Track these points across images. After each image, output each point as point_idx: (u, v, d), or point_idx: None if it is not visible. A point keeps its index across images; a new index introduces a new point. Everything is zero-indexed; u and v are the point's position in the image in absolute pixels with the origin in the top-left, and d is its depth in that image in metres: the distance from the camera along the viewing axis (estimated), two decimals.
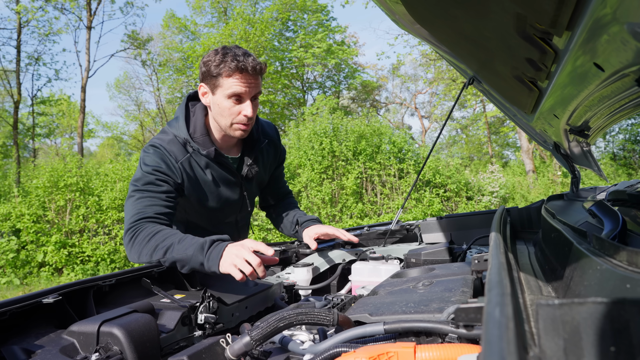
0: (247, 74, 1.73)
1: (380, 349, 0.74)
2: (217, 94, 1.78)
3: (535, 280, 0.88)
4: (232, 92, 1.74)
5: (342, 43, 23.00)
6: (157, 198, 1.72)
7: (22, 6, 14.97)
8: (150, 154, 1.79)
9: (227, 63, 1.71)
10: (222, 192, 1.96)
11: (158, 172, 1.75)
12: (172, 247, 1.54)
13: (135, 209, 1.68)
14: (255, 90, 1.79)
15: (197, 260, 1.50)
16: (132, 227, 1.64)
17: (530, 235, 1.80)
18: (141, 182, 1.73)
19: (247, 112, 1.78)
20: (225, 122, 1.82)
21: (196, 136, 1.87)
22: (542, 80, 1.03)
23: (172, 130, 1.86)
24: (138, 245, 1.59)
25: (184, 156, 1.82)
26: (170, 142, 1.82)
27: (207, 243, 1.52)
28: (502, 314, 0.37)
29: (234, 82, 1.73)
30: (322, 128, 12.00)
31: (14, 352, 0.99)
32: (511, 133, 24.20)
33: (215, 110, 1.82)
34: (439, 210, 10.88)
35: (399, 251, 2.13)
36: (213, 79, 1.76)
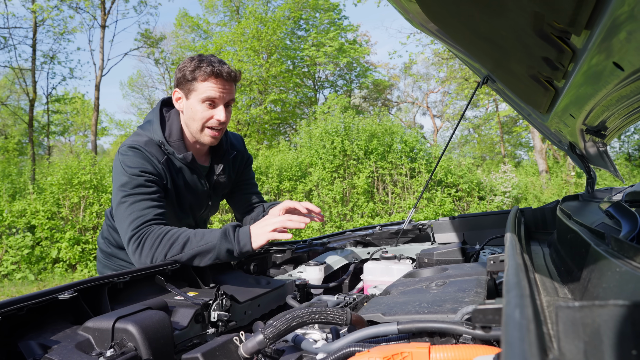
0: (222, 79, 1.76)
1: (395, 349, 0.74)
2: (190, 98, 1.80)
3: (551, 281, 0.87)
4: (206, 96, 1.76)
5: (354, 42, 22.96)
6: (150, 199, 1.69)
7: (37, 5, 15.15)
8: (130, 156, 1.74)
9: (203, 68, 1.74)
10: (189, 199, 1.95)
11: (145, 173, 1.72)
12: (189, 241, 1.55)
13: (134, 215, 1.64)
14: (228, 97, 1.81)
15: (224, 248, 1.52)
16: (137, 233, 1.61)
17: (544, 236, 1.78)
18: (130, 186, 1.68)
19: (219, 116, 1.80)
20: (197, 126, 1.83)
21: (172, 140, 1.86)
22: (559, 79, 1.02)
23: (145, 133, 1.83)
24: (148, 249, 1.57)
25: (163, 157, 1.80)
26: (147, 144, 1.78)
27: (230, 229, 1.55)
28: (522, 315, 0.36)
29: (209, 86, 1.75)
30: (333, 127, 12.00)
31: (31, 347, 1.00)
32: (524, 133, 24.01)
33: (188, 114, 1.83)
34: (450, 210, 10.82)
35: (412, 251, 2.13)
36: (188, 83, 1.78)
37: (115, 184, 1.73)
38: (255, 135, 19.41)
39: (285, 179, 11.31)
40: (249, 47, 18.69)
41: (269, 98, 19.06)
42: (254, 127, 19.60)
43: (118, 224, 1.69)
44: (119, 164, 1.74)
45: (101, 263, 2.22)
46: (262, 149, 15.72)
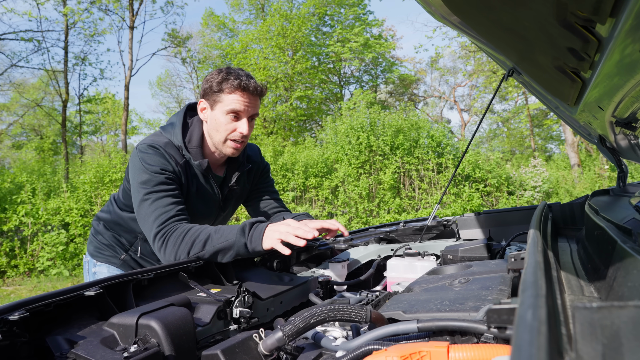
0: (248, 93, 1.79)
1: (413, 348, 0.72)
2: (215, 110, 1.83)
3: (577, 279, 0.84)
4: (231, 108, 1.79)
5: (380, 37, 22.79)
6: (172, 196, 1.72)
7: (69, 8, 15.54)
8: (150, 154, 1.77)
9: (230, 81, 1.77)
10: (199, 207, 1.95)
11: (166, 171, 1.75)
12: (210, 238, 1.56)
13: (158, 211, 1.67)
14: (253, 111, 1.84)
15: (242, 244, 1.53)
16: (161, 230, 1.64)
17: (573, 233, 1.73)
18: (152, 183, 1.71)
19: (242, 129, 1.82)
20: (219, 137, 1.85)
21: (190, 146, 1.88)
22: (585, 70, 0.99)
23: (166, 134, 1.87)
24: (172, 246, 1.60)
25: (181, 159, 1.83)
26: (167, 145, 1.81)
27: (247, 226, 1.55)
28: (534, 316, 0.35)
29: (235, 99, 1.78)
30: (359, 123, 11.94)
31: (58, 342, 1.03)
32: (555, 126, 23.40)
33: (212, 125, 1.86)
34: (478, 205, 10.65)
35: (436, 247, 2.10)
36: (214, 94, 1.81)
37: (135, 180, 1.75)
38: (281, 132, 19.50)
39: (311, 175, 11.32)
40: (275, 44, 18.77)
41: (295, 95, 19.10)
42: (280, 124, 19.69)
43: (141, 221, 1.72)
44: (138, 160, 1.76)
45: (89, 240, 2.27)
46: (288, 146, 15.78)
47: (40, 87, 20.89)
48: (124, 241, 2.15)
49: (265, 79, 18.55)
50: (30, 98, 19.82)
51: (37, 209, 9.01)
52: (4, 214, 8.86)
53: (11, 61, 16.36)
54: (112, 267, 2.19)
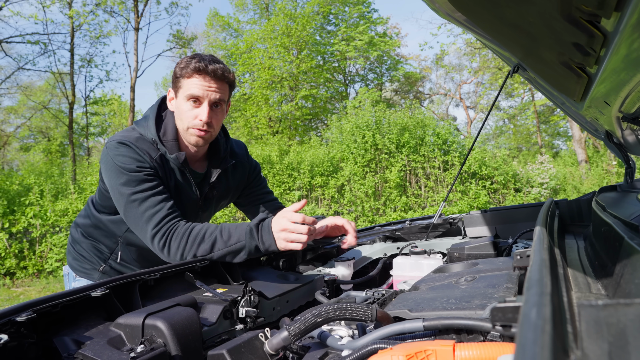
0: (206, 75, 1.68)
1: (418, 347, 0.72)
2: (178, 96, 1.74)
3: (584, 277, 0.83)
4: (189, 93, 1.69)
5: (384, 35, 22.74)
6: (157, 194, 1.63)
7: (74, 11, 15.62)
8: (122, 151, 1.65)
9: (190, 65, 1.67)
10: (178, 205, 1.79)
11: (142, 167, 1.64)
12: (217, 241, 1.54)
13: (149, 212, 1.59)
14: (215, 96, 1.71)
15: (252, 246, 1.52)
16: (159, 231, 1.58)
17: (580, 229, 1.72)
18: (133, 184, 1.62)
19: (202, 115, 1.70)
20: (182, 125, 1.75)
21: (166, 139, 1.77)
22: (591, 65, 0.98)
23: (139, 129, 1.75)
24: (175, 248, 1.56)
25: (156, 154, 1.71)
26: (138, 140, 1.70)
27: (254, 229, 1.53)
28: (538, 315, 0.35)
29: (193, 82, 1.68)
30: (364, 121, 11.93)
31: (65, 342, 1.03)
32: (562, 122, 23.26)
33: (176, 113, 1.77)
34: (485, 202, 10.61)
35: (442, 245, 2.09)
36: (177, 80, 1.72)
37: (112, 182, 1.65)
38: (286, 131, 19.51)
39: (317, 174, 11.32)
40: (279, 43, 18.78)
41: (300, 94, 19.10)
42: (285, 123, 19.70)
43: (133, 226, 1.64)
44: (110, 160, 1.65)
45: (67, 249, 2.14)
46: (294, 145, 15.79)
47: (47, 89, 21.02)
48: (103, 248, 1.99)
49: (271, 79, 18.58)
50: (38, 100, 19.94)
51: (45, 210, 9.07)
52: (13, 215, 8.92)
53: (18, 64, 16.47)
54: (91, 282, 2.04)
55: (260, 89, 18.65)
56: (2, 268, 8.40)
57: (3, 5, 14.29)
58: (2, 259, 8.45)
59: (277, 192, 10.77)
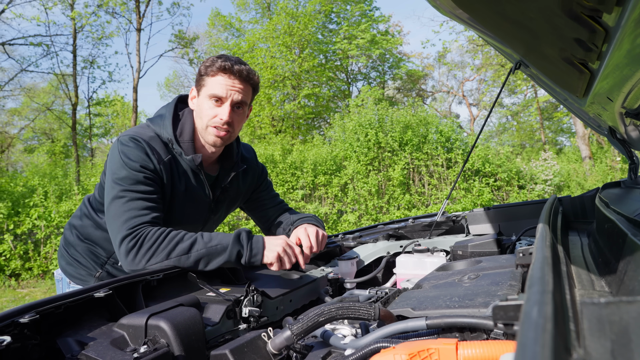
0: (231, 75, 1.67)
1: (421, 345, 0.72)
2: (200, 95, 1.72)
3: (587, 273, 0.83)
4: (212, 92, 1.67)
5: (386, 33, 22.70)
6: (149, 200, 1.59)
7: (76, 12, 15.65)
8: (131, 148, 1.62)
9: (216, 64, 1.67)
10: (188, 208, 1.79)
11: (146, 169, 1.61)
12: (197, 242, 1.49)
13: (130, 213, 1.54)
14: (238, 96, 1.69)
15: (235, 251, 1.49)
16: (133, 233, 1.50)
17: (584, 226, 1.71)
18: (129, 182, 1.58)
19: (223, 115, 1.68)
20: (202, 123, 1.72)
21: (182, 139, 1.74)
22: (593, 61, 0.97)
23: (154, 127, 1.72)
24: (147, 248, 1.47)
25: (166, 156, 1.68)
26: (152, 139, 1.67)
27: (244, 233, 1.53)
28: (539, 313, 0.34)
29: (217, 81, 1.67)
30: (367, 119, 11.91)
31: (69, 343, 1.04)
32: (565, 118, 23.17)
33: (196, 111, 1.75)
34: (489, 200, 10.59)
35: (445, 243, 2.08)
36: (201, 79, 1.71)
37: (111, 174, 1.62)
38: (289, 130, 19.51)
39: (320, 173, 11.32)
40: (281, 43, 18.77)
41: (303, 93, 19.10)
42: (288, 122, 19.70)
43: (110, 220, 1.58)
44: (117, 153, 1.63)
45: (60, 252, 2.06)
46: (297, 144, 15.79)
47: (50, 91, 21.09)
48: (100, 252, 1.92)
49: (273, 78, 18.57)
50: (41, 102, 20.01)
51: (50, 212, 9.09)
52: (18, 217, 8.95)
53: (21, 66, 16.52)
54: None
55: (263, 88, 18.65)
56: (7, 269, 8.43)
57: (6, 8, 14.34)
58: (8, 260, 8.48)
59: (281, 191, 10.78)
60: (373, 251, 2.16)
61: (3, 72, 18.89)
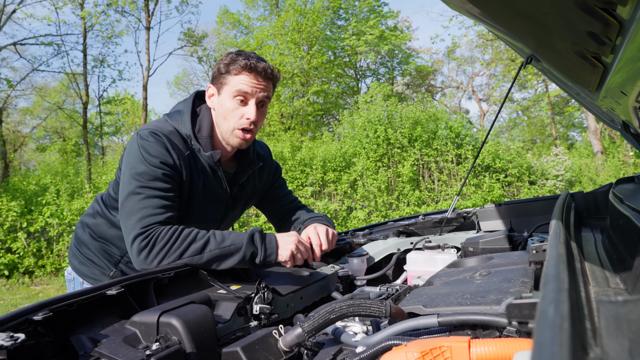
0: (256, 74, 1.65)
1: (433, 343, 0.71)
2: (222, 94, 1.69)
3: (601, 270, 0.82)
4: (237, 90, 1.64)
5: (395, 28, 22.58)
6: (165, 199, 1.57)
7: (86, 11, 15.75)
8: (152, 142, 1.59)
9: (238, 62, 1.64)
10: (206, 205, 1.77)
11: (165, 165, 1.58)
12: (209, 242, 1.48)
13: (145, 211, 1.52)
14: (262, 94, 1.68)
15: (249, 252, 1.49)
16: (146, 232, 1.49)
17: (597, 222, 1.69)
18: (147, 177, 1.55)
19: (250, 114, 1.66)
20: (227, 126, 1.70)
21: (201, 136, 1.72)
22: (607, 54, 0.96)
23: (172, 122, 1.70)
24: (160, 248, 1.47)
25: (186, 151, 1.66)
26: (171, 134, 1.65)
27: (257, 234, 1.52)
28: (556, 312, 0.34)
29: (242, 80, 1.64)
30: (376, 116, 11.88)
31: (82, 341, 1.05)
32: (577, 113, 22.93)
33: (219, 111, 1.71)
34: (499, 196, 10.52)
35: (456, 240, 2.07)
36: (221, 77, 1.68)
37: (129, 169, 1.59)
38: (298, 127, 19.51)
39: (329, 169, 11.31)
40: (290, 39, 18.75)
41: (311, 90, 19.08)
42: (297, 119, 19.70)
43: (123, 215, 1.56)
44: (137, 148, 1.60)
45: (71, 251, 2.03)
46: (306, 141, 15.78)
47: (61, 90, 21.25)
48: (113, 251, 1.89)
49: (282, 75, 18.55)
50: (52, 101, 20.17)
51: (62, 209, 9.18)
52: (31, 215, 9.05)
53: (32, 66, 16.67)
54: None
55: None
56: (21, 267, 8.54)
57: (17, 8, 14.47)
58: (21, 257, 8.58)
59: (290, 188, 10.73)
60: (383, 248, 2.16)
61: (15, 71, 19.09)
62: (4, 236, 8.57)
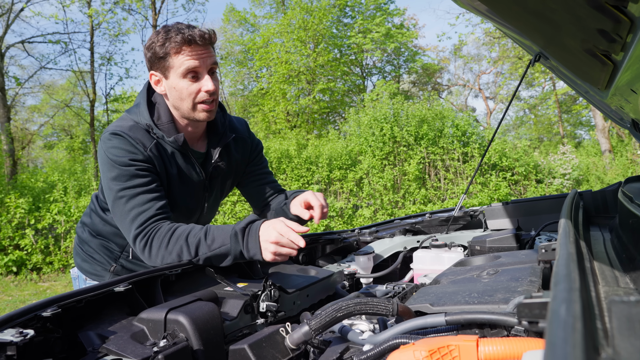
0: (196, 45, 1.56)
1: (441, 342, 0.71)
2: (170, 77, 1.61)
3: (611, 270, 0.81)
4: (185, 68, 1.56)
5: (401, 26, 22.52)
6: (148, 192, 1.55)
7: (93, 10, 15.81)
8: (115, 143, 1.56)
9: (172, 39, 1.54)
10: (184, 191, 1.74)
11: (135, 161, 1.55)
12: (201, 244, 1.46)
13: (135, 211, 1.52)
14: (210, 61, 1.61)
15: (237, 251, 1.45)
16: (142, 231, 1.50)
17: (606, 221, 1.68)
18: (123, 179, 1.53)
19: (207, 86, 1.60)
20: (187, 105, 1.63)
21: (161, 123, 1.67)
22: (617, 52, 0.95)
23: (131, 116, 1.66)
24: (157, 249, 1.48)
25: (151, 142, 1.61)
26: (132, 129, 1.60)
27: (239, 233, 1.45)
28: (568, 312, 0.34)
29: (185, 57, 1.56)
30: (382, 114, 11.85)
31: (90, 337, 1.05)
32: (585, 111, 22.78)
33: (174, 95, 1.64)
34: (506, 194, 10.47)
35: (463, 238, 2.07)
36: (161, 60, 1.59)
37: (104, 176, 1.58)
38: (304, 125, 19.50)
39: (335, 167, 11.30)
40: (296, 37, 18.74)
41: (317, 88, 19.07)
42: (303, 117, 19.70)
43: (119, 222, 1.57)
44: (103, 153, 1.58)
45: (75, 250, 2.04)
46: (312, 139, 15.78)
47: (68, 88, 21.36)
48: (113, 247, 1.90)
49: (288, 73, 18.56)
50: (60, 99, 20.28)
51: (69, 207, 9.23)
52: (38, 212, 9.11)
53: (40, 63, 16.77)
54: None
55: (278, 83, 18.67)
56: (29, 263, 8.60)
57: (25, 6, 14.55)
58: (29, 254, 8.64)
59: (296, 186, 10.79)
60: (390, 246, 2.15)
61: (23, 69, 19.23)
62: (13, 233, 8.64)
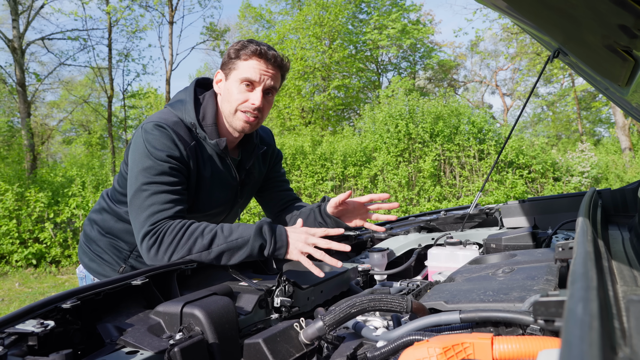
0: (265, 61, 1.63)
1: (455, 339, 0.71)
2: (230, 78, 1.67)
3: (629, 269, 0.80)
4: (245, 76, 1.62)
5: (417, 22, 22.34)
6: (173, 193, 1.54)
7: (111, 6, 15.97)
8: (157, 136, 1.56)
9: (248, 47, 1.63)
10: (216, 193, 1.75)
11: (172, 158, 1.56)
12: (217, 236, 1.45)
13: (154, 208, 1.50)
14: (270, 82, 1.66)
15: (257, 245, 1.44)
16: (154, 229, 1.48)
17: (625, 220, 1.65)
18: (154, 172, 1.53)
19: (255, 100, 1.64)
20: (230, 107, 1.67)
21: (205, 123, 1.69)
22: (638, 48, 0.93)
23: (175, 112, 1.67)
24: (167, 244, 1.45)
25: (192, 142, 1.63)
26: (176, 124, 1.61)
27: (266, 225, 1.46)
28: (585, 311, 0.33)
29: (250, 65, 1.63)
30: (397, 110, 11.81)
31: (108, 329, 1.07)
32: (604, 108, 22.38)
33: (224, 95, 1.69)
34: (522, 192, 10.36)
35: (478, 236, 2.05)
36: (230, 62, 1.66)
37: (135, 164, 1.57)
38: (319, 121, 19.50)
39: (350, 164, 11.29)
40: (312, 34, 18.73)
41: (333, 84, 19.04)
42: (318, 113, 19.69)
43: (133, 214, 1.55)
44: (142, 142, 1.57)
45: (81, 248, 2.00)
46: (327, 135, 15.78)
47: (87, 84, 21.63)
48: (122, 246, 1.86)
49: (303, 69, 18.56)
50: (78, 95, 20.53)
51: (87, 201, 9.35)
52: (57, 206, 9.25)
53: (59, 60, 16.98)
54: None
55: (293, 79, 18.69)
56: (48, 256, 8.75)
57: (45, 3, 14.75)
58: (48, 247, 8.80)
59: (310, 183, 10.80)
60: (404, 243, 2.15)
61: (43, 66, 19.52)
62: (32, 226, 8.79)
